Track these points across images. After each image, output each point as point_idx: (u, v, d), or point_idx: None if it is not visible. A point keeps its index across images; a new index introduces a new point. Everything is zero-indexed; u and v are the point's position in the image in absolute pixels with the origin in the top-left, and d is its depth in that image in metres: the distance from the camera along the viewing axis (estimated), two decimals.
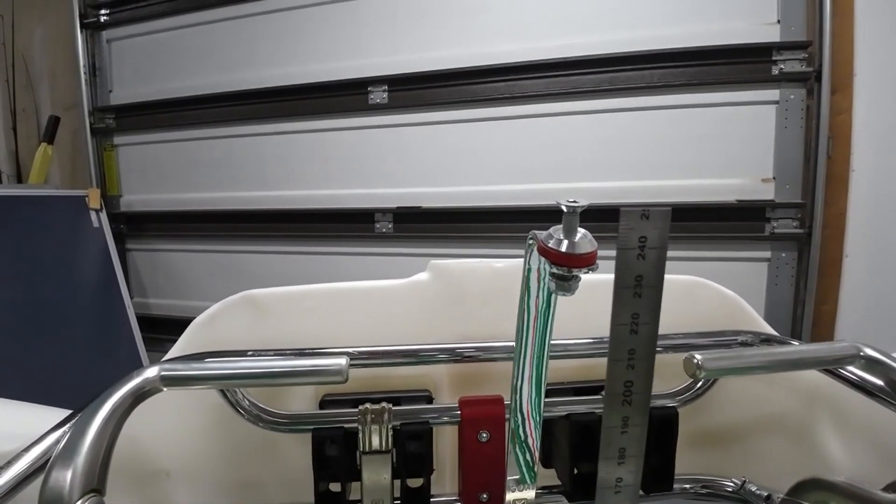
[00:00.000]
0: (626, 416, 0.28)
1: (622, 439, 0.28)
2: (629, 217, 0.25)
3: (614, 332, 0.27)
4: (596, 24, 1.81)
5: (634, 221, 0.25)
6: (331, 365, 0.36)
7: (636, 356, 0.27)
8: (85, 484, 0.28)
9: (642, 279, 0.26)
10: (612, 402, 0.28)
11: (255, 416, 0.47)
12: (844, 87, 1.64)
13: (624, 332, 0.27)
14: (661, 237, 0.25)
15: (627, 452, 0.29)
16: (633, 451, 0.28)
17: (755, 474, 0.52)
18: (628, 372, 0.27)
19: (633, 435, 0.28)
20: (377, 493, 0.44)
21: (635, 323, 0.27)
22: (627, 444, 0.28)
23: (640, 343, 0.26)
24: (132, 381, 0.34)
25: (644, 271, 0.26)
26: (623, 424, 0.28)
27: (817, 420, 0.51)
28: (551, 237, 0.28)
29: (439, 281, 0.53)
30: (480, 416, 0.46)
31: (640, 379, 0.27)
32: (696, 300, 0.54)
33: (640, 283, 0.26)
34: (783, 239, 1.73)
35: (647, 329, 0.27)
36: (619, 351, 0.26)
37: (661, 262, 0.26)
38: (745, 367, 0.36)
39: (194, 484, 0.51)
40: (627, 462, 0.29)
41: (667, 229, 0.25)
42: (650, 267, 0.26)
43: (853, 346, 0.39)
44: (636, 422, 0.28)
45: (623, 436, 0.28)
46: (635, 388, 0.27)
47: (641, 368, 0.27)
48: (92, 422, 0.31)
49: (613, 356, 0.27)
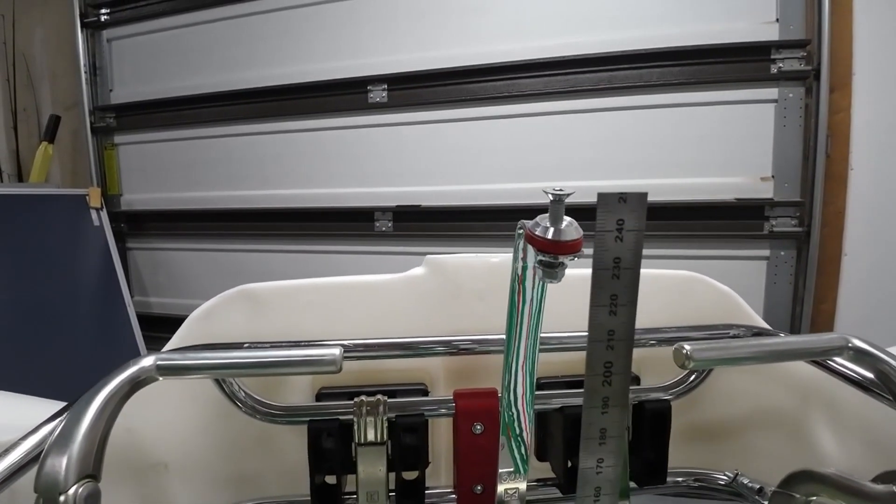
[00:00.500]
0: (607, 397, 0.28)
1: (602, 420, 0.29)
2: (607, 201, 0.25)
3: (593, 314, 0.27)
4: (595, 23, 1.81)
5: (612, 204, 0.25)
6: (324, 355, 0.37)
7: (615, 337, 0.27)
8: (80, 470, 0.29)
9: (620, 261, 0.27)
10: (592, 383, 0.28)
11: (252, 407, 0.47)
12: (843, 85, 1.65)
13: (603, 314, 0.27)
14: (638, 220, 0.26)
15: (608, 433, 0.29)
16: (614, 431, 0.29)
17: (748, 467, 0.52)
18: (608, 353, 0.27)
19: (612, 416, 0.29)
20: (372, 486, 0.44)
21: (614, 304, 0.27)
22: (608, 426, 0.29)
23: (618, 324, 0.27)
24: (128, 370, 0.34)
25: (621, 253, 0.27)
26: (603, 405, 0.28)
27: (809, 413, 0.51)
28: (538, 225, 0.28)
29: (435, 275, 0.53)
30: (475, 409, 0.46)
31: (620, 360, 0.27)
32: (691, 295, 0.54)
33: (619, 265, 0.27)
34: (782, 237, 1.73)
35: (626, 311, 0.27)
36: (599, 332, 0.27)
37: (638, 244, 0.26)
38: (734, 357, 0.37)
39: (192, 476, 0.51)
40: (608, 443, 0.30)
41: (643, 212, 0.26)
42: (627, 249, 0.27)
43: (841, 338, 0.39)
44: (616, 402, 0.29)
45: (604, 416, 0.29)
46: (615, 369, 0.27)
47: (621, 349, 0.27)
48: (88, 409, 0.31)
49: (593, 337, 0.27)
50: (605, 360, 0.28)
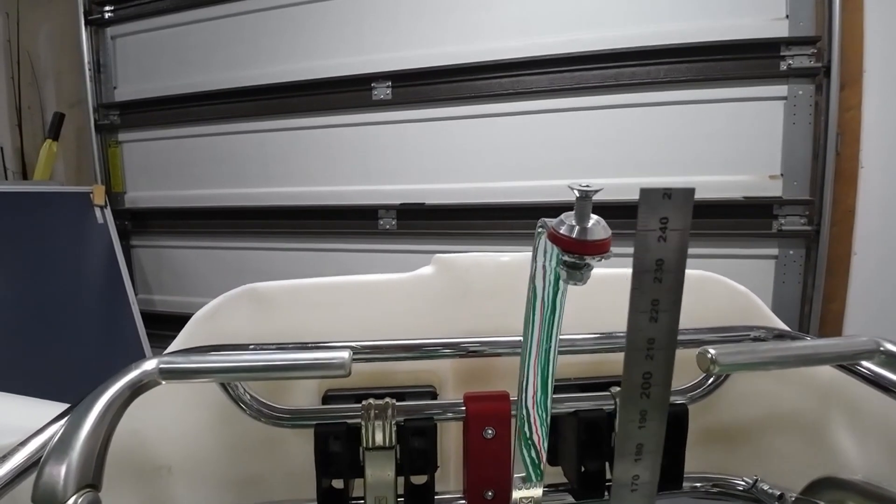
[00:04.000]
0: (644, 410, 0.27)
1: (639, 434, 0.27)
2: (650, 197, 0.24)
3: (632, 320, 0.26)
4: (601, 19, 1.80)
5: (656, 201, 0.24)
6: (333, 358, 0.35)
7: (655, 346, 0.25)
8: (80, 479, 0.28)
9: (663, 263, 0.25)
10: (629, 395, 0.26)
11: (257, 410, 0.46)
12: (854, 82, 1.62)
13: (643, 320, 0.25)
14: (684, 218, 0.24)
15: (645, 448, 0.27)
16: (651, 446, 0.27)
17: (767, 473, 0.50)
18: (647, 363, 0.25)
19: (650, 430, 0.27)
20: (381, 490, 0.43)
21: (655, 310, 0.25)
22: (645, 440, 0.27)
23: (659, 332, 0.25)
24: (129, 374, 0.33)
25: (665, 255, 0.25)
26: (641, 419, 0.27)
27: (831, 417, 0.50)
28: (563, 223, 0.27)
29: (444, 275, 0.52)
30: (486, 413, 0.45)
31: (660, 370, 0.25)
32: (707, 295, 0.53)
33: (661, 268, 0.25)
34: (791, 236, 1.71)
35: (668, 317, 0.26)
36: (638, 340, 0.25)
37: (683, 245, 0.25)
38: (761, 361, 0.35)
39: (196, 479, 0.50)
40: (645, 458, 0.28)
41: (689, 210, 0.24)
42: (672, 250, 0.25)
43: (872, 341, 0.37)
44: (654, 416, 0.27)
45: (641, 431, 0.27)
46: (654, 381, 0.26)
47: (661, 359, 0.25)
48: (87, 416, 0.30)
49: (631, 346, 0.26)
50: (645, 370, 0.26)
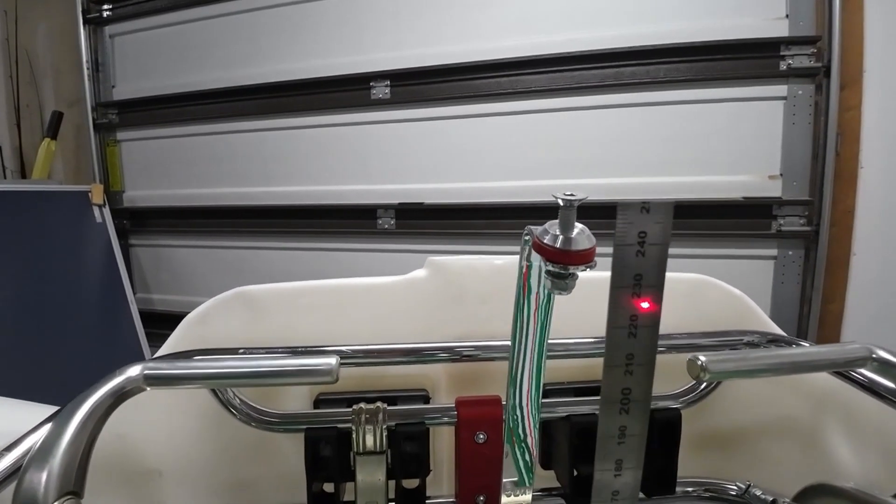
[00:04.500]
0: (624, 426, 0.26)
1: (619, 450, 0.27)
2: (627, 210, 0.23)
3: (611, 336, 0.25)
4: (600, 19, 1.79)
5: (633, 215, 0.23)
6: (320, 365, 0.35)
7: (634, 362, 0.25)
8: (61, 486, 0.27)
9: (641, 278, 0.25)
10: (608, 410, 0.26)
11: (247, 415, 0.46)
12: (854, 82, 1.62)
13: (621, 336, 0.25)
14: (663, 233, 0.23)
15: (625, 464, 0.27)
16: (631, 462, 0.27)
17: (760, 478, 0.50)
18: (626, 378, 0.25)
19: (630, 446, 0.27)
20: (371, 495, 0.43)
21: (633, 325, 0.25)
22: (625, 456, 0.27)
23: (638, 347, 0.25)
24: (113, 381, 0.33)
25: (643, 270, 0.24)
26: (620, 434, 0.26)
27: (825, 424, 0.50)
28: (546, 233, 0.26)
29: (438, 278, 0.52)
30: (478, 417, 0.45)
31: (639, 386, 0.25)
32: (702, 299, 0.52)
33: (640, 283, 0.25)
34: (790, 237, 1.71)
35: (647, 332, 0.25)
36: (616, 357, 0.25)
37: (662, 260, 0.24)
38: (751, 369, 0.35)
39: (186, 484, 0.50)
40: (624, 474, 0.28)
41: (669, 224, 0.24)
42: (650, 265, 0.24)
43: (865, 348, 0.37)
44: (634, 431, 0.26)
45: (620, 446, 0.27)
46: (633, 396, 0.25)
47: (640, 374, 0.25)
48: (70, 423, 0.30)
49: (609, 362, 0.25)
50: (623, 386, 0.25)
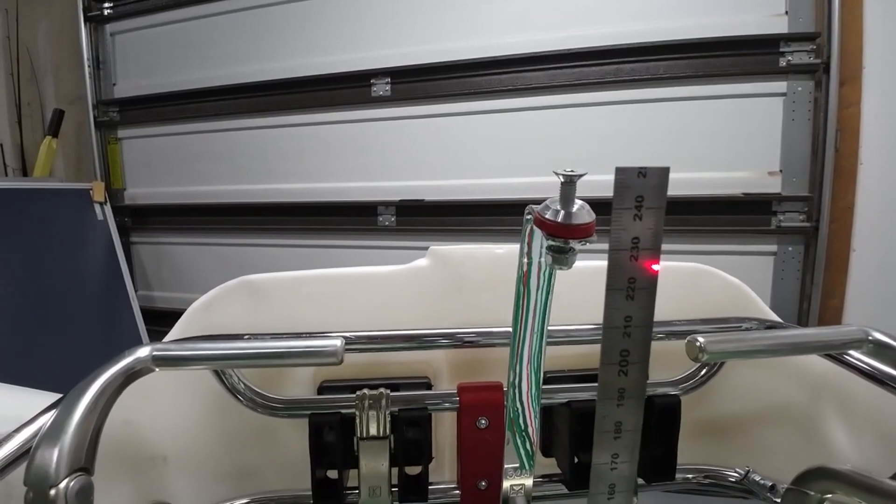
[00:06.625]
0: (623, 388, 0.27)
1: (618, 412, 0.27)
2: (625, 176, 0.24)
3: (609, 299, 0.26)
4: (600, 16, 1.79)
5: (630, 180, 0.24)
6: (325, 346, 0.36)
7: (633, 324, 0.25)
8: (72, 462, 0.28)
9: (639, 241, 0.25)
10: (607, 372, 0.27)
11: (252, 400, 0.46)
12: (853, 79, 1.62)
13: (619, 298, 0.25)
14: (658, 196, 0.24)
15: (620, 458, 0.27)
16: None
17: (759, 464, 0.51)
18: (624, 340, 0.25)
19: (629, 408, 0.27)
20: (375, 480, 0.44)
21: (631, 288, 0.25)
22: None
23: (637, 309, 0.25)
24: (123, 361, 0.33)
25: (640, 233, 0.25)
26: (619, 397, 0.27)
27: (823, 409, 0.50)
28: (548, 208, 0.27)
29: (439, 267, 0.52)
30: (479, 403, 0.45)
31: (638, 348, 0.25)
32: (700, 288, 0.53)
33: (637, 246, 0.25)
34: (790, 233, 1.71)
35: (645, 295, 0.26)
36: (615, 318, 0.25)
37: (658, 222, 0.25)
38: (749, 350, 0.35)
39: (191, 469, 0.50)
40: (624, 437, 0.28)
41: (665, 188, 0.24)
42: (647, 228, 0.25)
43: (861, 330, 0.38)
44: (632, 393, 0.27)
45: (619, 409, 0.27)
46: (632, 358, 0.26)
47: (638, 337, 0.25)
48: (80, 400, 0.30)
49: (609, 324, 0.26)
50: (622, 348, 0.26)
